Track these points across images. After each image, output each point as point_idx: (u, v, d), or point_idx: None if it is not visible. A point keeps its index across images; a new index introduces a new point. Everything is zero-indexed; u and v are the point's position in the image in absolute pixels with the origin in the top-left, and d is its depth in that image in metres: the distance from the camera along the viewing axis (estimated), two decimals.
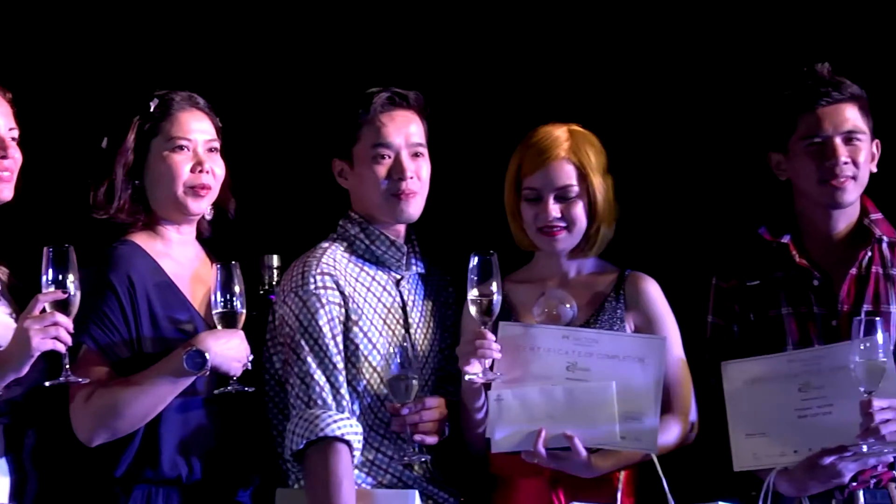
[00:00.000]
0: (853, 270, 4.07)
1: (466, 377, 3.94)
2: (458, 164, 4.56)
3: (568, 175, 4.06)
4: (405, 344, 4.01)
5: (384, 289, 4.14)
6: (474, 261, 3.94)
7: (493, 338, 3.93)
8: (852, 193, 4.07)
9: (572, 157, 4.07)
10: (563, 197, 4.06)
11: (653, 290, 4.12)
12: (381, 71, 4.54)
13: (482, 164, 4.54)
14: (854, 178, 4.05)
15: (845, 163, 4.03)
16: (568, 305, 4.05)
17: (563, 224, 4.07)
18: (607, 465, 3.95)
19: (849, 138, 4.05)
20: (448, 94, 4.64)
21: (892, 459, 3.93)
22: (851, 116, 4.06)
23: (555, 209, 4.06)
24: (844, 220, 4.12)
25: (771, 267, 4.13)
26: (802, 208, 4.15)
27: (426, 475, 4.09)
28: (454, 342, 4.15)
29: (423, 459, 4.05)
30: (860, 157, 4.05)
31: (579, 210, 4.08)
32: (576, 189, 4.07)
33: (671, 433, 4.01)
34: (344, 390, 3.99)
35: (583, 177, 4.07)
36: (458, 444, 4.10)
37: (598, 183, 4.09)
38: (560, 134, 4.10)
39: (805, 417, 3.92)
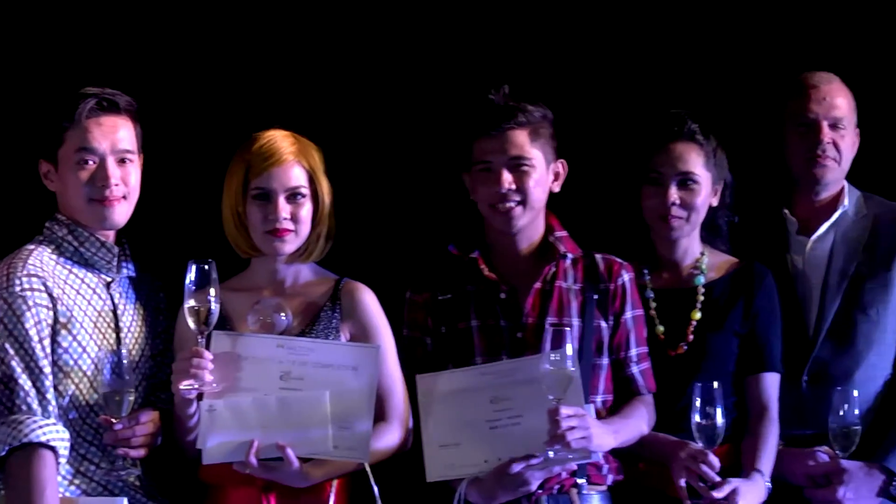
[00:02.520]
0: (537, 284, 4.17)
1: (181, 390, 3.88)
2: (172, 169, 4.53)
3: (298, 177, 4.07)
4: (118, 356, 3.91)
5: (94, 292, 4.03)
6: (192, 269, 3.89)
7: (210, 356, 3.89)
8: (521, 219, 4.14)
9: (302, 160, 4.08)
10: (293, 198, 4.05)
11: (368, 300, 4.14)
12: (101, 72, 4.46)
13: (194, 168, 4.55)
14: (523, 203, 4.13)
15: (509, 189, 4.11)
16: (283, 314, 4.05)
17: (291, 226, 4.05)
18: (320, 473, 3.96)
19: (515, 164, 4.11)
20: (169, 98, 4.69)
21: (575, 467, 4.05)
22: (520, 142, 4.11)
23: (285, 210, 4.04)
24: (526, 239, 4.20)
25: (463, 281, 4.20)
26: (488, 226, 4.24)
27: (136, 484, 4.00)
28: (165, 348, 4.11)
29: (133, 475, 3.96)
30: (528, 182, 4.12)
31: (307, 212, 4.08)
32: (306, 191, 4.07)
33: (385, 441, 4.04)
34: (51, 395, 3.87)
35: (312, 180, 4.09)
36: (171, 453, 4.03)
37: (326, 187, 4.11)
38: (287, 137, 4.10)
39: (496, 428, 4.00)
